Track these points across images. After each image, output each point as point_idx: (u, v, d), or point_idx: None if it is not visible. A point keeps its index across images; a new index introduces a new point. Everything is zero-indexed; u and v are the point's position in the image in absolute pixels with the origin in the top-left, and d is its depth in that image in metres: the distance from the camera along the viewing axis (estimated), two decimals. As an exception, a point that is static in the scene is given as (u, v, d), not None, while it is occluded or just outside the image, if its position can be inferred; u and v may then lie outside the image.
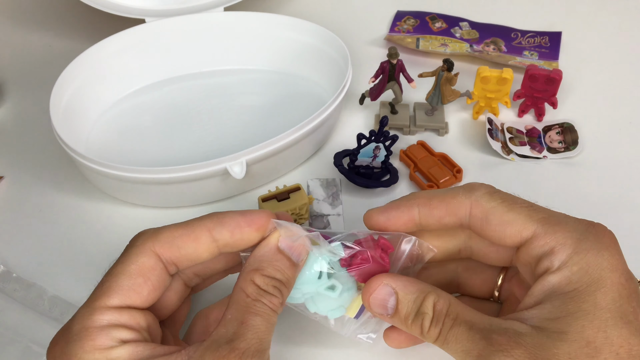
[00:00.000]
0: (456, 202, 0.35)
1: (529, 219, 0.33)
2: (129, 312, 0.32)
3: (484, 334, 0.31)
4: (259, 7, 0.69)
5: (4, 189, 0.53)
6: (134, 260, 0.33)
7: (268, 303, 0.32)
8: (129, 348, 0.31)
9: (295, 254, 0.34)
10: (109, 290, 0.32)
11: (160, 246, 0.34)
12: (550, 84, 0.55)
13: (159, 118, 0.59)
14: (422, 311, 0.33)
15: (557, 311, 0.31)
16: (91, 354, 0.30)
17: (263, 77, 0.63)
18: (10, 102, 0.61)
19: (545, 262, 0.32)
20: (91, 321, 0.31)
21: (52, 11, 0.73)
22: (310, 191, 0.51)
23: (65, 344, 0.31)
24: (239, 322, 0.31)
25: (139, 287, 0.33)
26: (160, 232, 0.34)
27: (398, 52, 0.54)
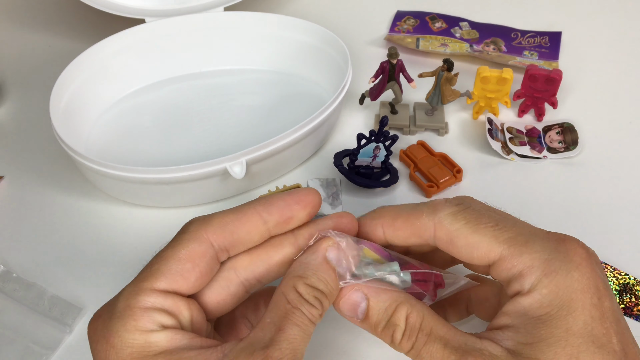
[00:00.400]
0: (420, 223, 0.34)
1: (495, 240, 0.32)
2: (173, 298, 0.32)
3: (459, 353, 0.30)
4: (259, 7, 0.69)
5: (4, 189, 0.53)
6: (184, 245, 0.33)
7: (307, 313, 0.31)
8: (169, 334, 0.31)
9: (342, 268, 0.33)
10: (157, 273, 0.32)
11: (213, 232, 0.33)
12: (550, 84, 0.55)
13: (159, 118, 0.59)
14: (394, 322, 0.32)
15: (530, 336, 0.30)
16: (132, 333, 0.30)
17: (263, 77, 0.63)
18: (10, 102, 0.61)
19: (516, 284, 0.32)
20: (136, 301, 0.31)
21: (52, 11, 0.73)
22: (310, 191, 0.51)
23: (108, 319, 0.31)
24: (277, 328, 0.30)
25: (187, 273, 0.32)
26: (211, 218, 0.34)
27: (398, 52, 0.54)
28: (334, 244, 0.33)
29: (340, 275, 0.33)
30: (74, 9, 0.72)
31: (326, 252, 0.33)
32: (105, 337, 0.31)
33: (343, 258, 0.33)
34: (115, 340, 0.30)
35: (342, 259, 0.33)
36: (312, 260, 0.33)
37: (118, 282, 0.46)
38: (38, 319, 0.43)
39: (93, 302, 0.45)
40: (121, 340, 0.30)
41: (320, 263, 0.33)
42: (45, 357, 0.41)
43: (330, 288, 0.32)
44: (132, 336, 0.30)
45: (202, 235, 0.33)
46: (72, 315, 0.43)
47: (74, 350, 0.42)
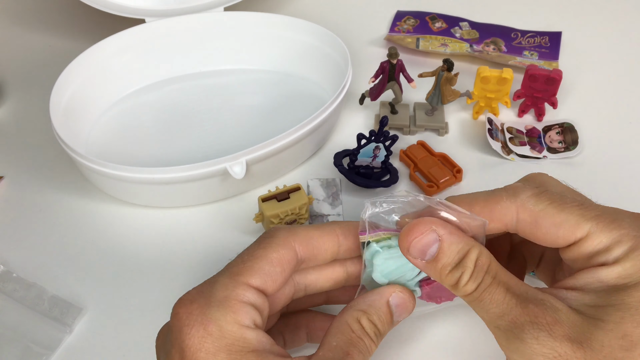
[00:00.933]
0: (500, 207, 0.33)
1: (582, 218, 0.32)
2: (262, 297, 0.33)
3: (520, 300, 0.31)
4: (259, 7, 0.69)
5: (4, 189, 0.53)
6: (275, 249, 0.34)
7: (367, 345, 0.33)
8: (259, 334, 0.32)
9: (398, 313, 0.35)
10: (252, 270, 0.33)
11: (299, 242, 0.35)
12: (550, 84, 0.55)
13: (159, 118, 0.59)
14: (464, 264, 0.32)
15: (599, 300, 0.30)
16: (231, 325, 0.31)
17: (263, 77, 0.63)
18: (10, 102, 0.61)
19: (599, 258, 0.32)
20: (235, 294, 0.32)
21: (52, 11, 0.73)
22: (310, 191, 0.51)
23: (206, 306, 0.31)
24: (345, 352, 0.32)
25: (277, 276, 0.34)
26: (297, 229, 0.36)
27: (398, 52, 0.54)
28: (399, 292, 0.35)
29: None
30: (74, 9, 0.72)
31: (390, 296, 0.34)
32: (202, 323, 0.31)
33: (402, 306, 0.35)
34: (214, 328, 0.31)
35: (400, 306, 0.35)
36: (376, 300, 0.34)
37: (118, 282, 0.46)
38: (38, 319, 0.43)
39: (93, 302, 0.45)
40: (220, 330, 0.31)
41: (383, 305, 0.34)
42: (45, 357, 0.41)
43: (385, 330, 0.34)
44: (231, 328, 0.31)
45: (291, 243, 0.35)
46: (72, 315, 0.43)
47: (74, 350, 0.42)
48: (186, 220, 0.50)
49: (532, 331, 0.29)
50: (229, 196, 0.51)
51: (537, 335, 0.29)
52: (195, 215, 0.50)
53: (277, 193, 0.47)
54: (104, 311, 0.44)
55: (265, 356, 0.31)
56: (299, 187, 0.49)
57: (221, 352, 0.30)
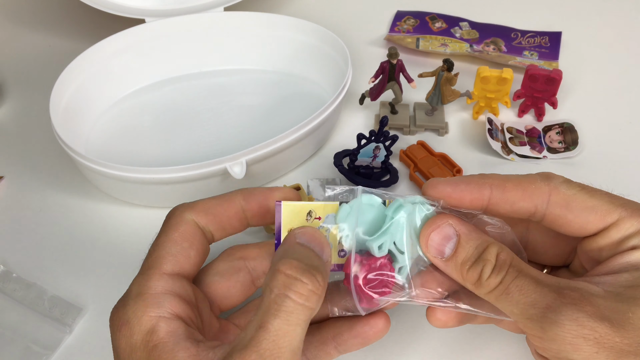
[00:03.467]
0: (534, 187, 0.34)
1: (612, 204, 0.33)
2: (180, 280, 0.33)
3: (554, 288, 0.30)
4: (259, 7, 0.69)
5: (4, 189, 0.53)
6: (175, 229, 0.34)
7: (296, 297, 0.29)
8: (172, 324, 0.31)
9: (317, 247, 0.32)
10: (160, 258, 0.33)
11: (197, 214, 0.35)
12: (550, 84, 0.55)
13: (159, 118, 0.59)
14: (485, 257, 0.32)
15: (635, 281, 0.30)
16: (141, 319, 0.31)
17: (263, 77, 0.63)
18: (10, 102, 0.61)
19: (630, 242, 0.32)
20: (147, 287, 0.32)
21: (52, 11, 0.73)
22: (310, 191, 0.51)
23: (122, 308, 0.32)
24: (259, 325, 0.29)
25: (186, 252, 0.34)
26: (194, 203, 0.36)
27: (398, 52, 0.54)
28: (300, 230, 0.33)
29: None
30: (74, 9, 0.72)
31: (295, 237, 0.32)
32: (118, 326, 0.31)
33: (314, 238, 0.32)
34: (126, 329, 0.31)
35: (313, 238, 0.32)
36: (286, 247, 0.32)
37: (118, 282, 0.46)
38: (38, 319, 0.43)
39: (93, 302, 0.45)
40: (130, 329, 0.31)
41: (294, 245, 0.32)
42: (45, 357, 0.41)
43: (316, 264, 0.31)
44: (140, 323, 0.31)
45: (188, 217, 0.35)
46: (72, 315, 0.43)
47: (74, 350, 0.42)
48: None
49: (571, 313, 0.29)
50: (229, 196, 0.51)
51: (576, 316, 0.29)
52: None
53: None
54: (104, 311, 0.44)
55: (172, 350, 0.30)
56: (299, 187, 0.49)
57: (136, 350, 0.31)
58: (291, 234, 0.33)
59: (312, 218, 0.34)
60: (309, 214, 0.34)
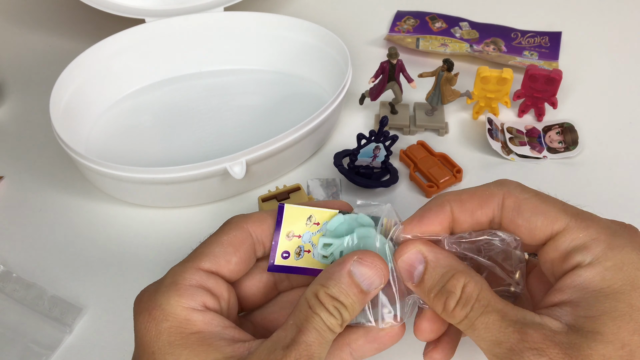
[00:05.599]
0: (488, 193, 0.34)
1: (562, 212, 0.33)
2: (215, 278, 0.33)
3: (518, 327, 0.30)
4: (259, 7, 0.69)
5: (4, 189, 0.53)
6: (226, 232, 0.35)
7: (325, 320, 0.31)
8: (207, 316, 0.32)
9: (366, 282, 0.33)
10: (201, 255, 0.34)
11: (252, 223, 0.35)
12: (550, 84, 0.55)
13: (159, 118, 0.59)
14: (448, 289, 0.32)
15: (591, 310, 0.30)
16: (174, 307, 0.31)
17: (263, 77, 0.63)
18: (10, 102, 0.61)
19: (576, 256, 0.31)
20: (182, 278, 0.33)
21: (52, 11, 0.73)
22: (310, 191, 0.51)
23: (154, 293, 0.32)
24: (298, 329, 0.31)
25: (229, 255, 0.34)
26: (251, 214, 0.36)
27: (398, 52, 0.54)
28: (358, 259, 0.33)
29: None
30: (74, 9, 0.72)
31: (350, 265, 0.33)
32: (148, 309, 0.32)
33: (367, 274, 0.33)
34: (157, 312, 0.31)
35: (365, 274, 0.33)
36: (336, 271, 0.33)
37: (118, 282, 0.46)
38: (38, 319, 0.43)
39: (93, 302, 0.45)
40: (163, 313, 0.31)
41: (343, 275, 0.33)
42: (45, 357, 0.41)
43: (351, 301, 0.32)
44: (174, 310, 0.31)
45: (243, 225, 0.35)
46: (72, 315, 0.43)
47: (74, 350, 0.42)
48: (186, 220, 0.50)
49: (533, 357, 0.29)
50: (229, 196, 0.51)
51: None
52: (195, 215, 0.50)
53: (277, 193, 0.47)
54: (104, 311, 0.44)
55: (210, 338, 0.31)
56: (299, 187, 0.49)
57: (163, 334, 0.31)
58: (350, 257, 0.33)
59: (311, 223, 0.35)
60: (309, 219, 0.35)
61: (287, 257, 0.35)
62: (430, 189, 0.51)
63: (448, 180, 0.51)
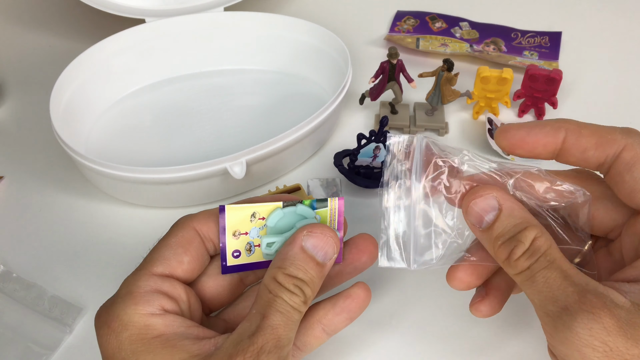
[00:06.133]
0: (611, 137, 0.32)
1: None
2: (170, 281, 0.33)
3: (579, 289, 0.29)
4: (259, 7, 0.69)
5: (4, 189, 0.53)
6: (173, 235, 0.35)
7: (288, 300, 0.32)
8: (167, 319, 0.32)
9: (320, 254, 0.33)
10: (152, 260, 0.34)
11: (197, 222, 0.35)
12: (550, 84, 0.55)
13: (159, 118, 0.59)
14: (519, 238, 0.31)
15: None
16: (131, 316, 0.31)
17: (263, 77, 0.63)
18: (10, 102, 0.61)
19: None
20: (136, 286, 0.33)
21: (52, 11, 0.73)
22: (310, 191, 0.51)
23: (110, 306, 0.32)
24: (261, 316, 0.31)
25: (179, 256, 0.34)
26: (198, 212, 0.36)
27: (398, 52, 0.54)
28: (308, 233, 0.33)
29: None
30: (74, 9, 0.72)
31: (302, 241, 0.33)
32: (106, 322, 0.32)
33: (320, 245, 0.33)
34: (115, 324, 0.31)
35: (318, 245, 0.33)
36: (289, 250, 0.33)
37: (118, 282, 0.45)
38: (38, 319, 0.43)
39: (93, 302, 0.44)
40: (121, 324, 0.31)
41: (297, 252, 0.33)
42: (45, 357, 0.41)
43: (310, 276, 0.33)
44: (132, 319, 0.31)
45: (189, 224, 0.35)
46: (72, 315, 0.43)
47: (74, 350, 0.42)
48: (186, 220, 0.50)
49: (586, 321, 0.28)
50: (229, 196, 0.51)
51: (590, 326, 0.28)
52: (195, 215, 0.50)
53: (277, 193, 0.47)
54: (104, 311, 0.44)
55: (173, 339, 0.31)
56: (299, 187, 0.49)
57: (124, 344, 0.31)
58: (299, 233, 0.33)
59: (256, 219, 0.35)
60: (252, 215, 0.35)
61: (239, 256, 0.36)
62: (430, 189, 0.51)
63: (448, 180, 0.51)
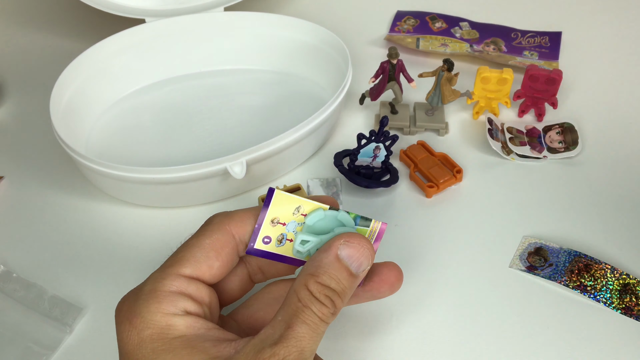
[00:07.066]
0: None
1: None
2: (196, 284, 0.33)
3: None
4: (259, 7, 0.69)
5: (4, 189, 0.53)
6: (208, 235, 0.34)
7: (317, 312, 0.31)
8: (189, 320, 0.32)
9: (355, 265, 0.32)
10: (182, 260, 0.33)
11: (235, 224, 0.35)
12: (551, 84, 0.55)
13: (159, 118, 0.59)
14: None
15: None
16: (154, 315, 0.31)
17: (263, 77, 0.63)
18: (10, 102, 0.61)
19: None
20: (162, 285, 0.32)
21: (52, 11, 0.73)
22: (310, 191, 0.51)
23: (133, 302, 0.32)
24: (287, 325, 0.30)
25: (211, 261, 0.34)
26: (234, 212, 0.35)
27: (398, 52, 0.54)
28: (345, 242, 0.32)
29: None
30: (74, 9, 0.72)
31: (338, 250, 0.32)
32: (129, 318, 0.31)
33: (356, 256, 0.33)
34: (138, 321, 0.31)
35: (354, 256, 0.33)
36: (323, 257, 0.32)
37: (118, 282, 0.46)
38: (38, 319, 0.43)
39: (93, 302, 0.45)
40: (143, 321, 0.31)
41: (331, 261, 0.32)
42: (45, 357, 0.41)
43: (343, 287, 0.32)
44: (154, 318, 0.31)
45: (225, 227, 0.34)
46: (72, 315, 0.43)
47: (74, 351, 0.42)
48: (186, 220, 0.50)
49: None
50: (229, 196, 0.51)
51: None
52: (195, 215, 0.50)
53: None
54: (104, 311, 0.44)
55: (194, 340, 0.31)
56: (299, 187, 0.49)
57: (145, 342, 0.31)
58: (336, 241, 0.33)
59: (299, 213, 0.35)
60: (297, 209, 0.35)
61: (268, 243, 0.35)
62: (431, 189, 0.51)
63: (448, 180, 0.51)
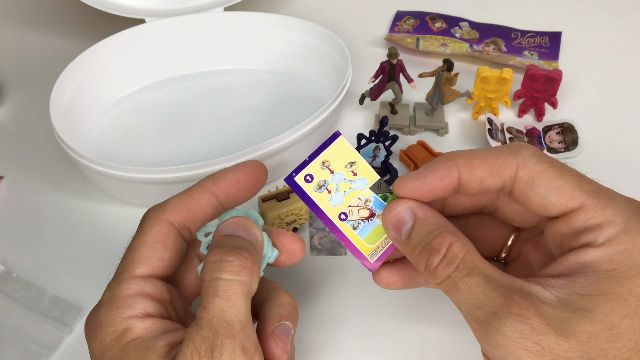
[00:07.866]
0: (501, 161, 0.32)
1: (579, 189, 0.30)
2: (153, 282, 0.33)
3: (503, 291, 0.29)
4: (259, 7, 0.69)
5: (4, 189, 0.53)
6: (148, 231, 0.34)
7: (226, 275, 0.30)
8: (147, 322, 0.31)
9: (242, 231, 0.33)
10: (133, 262, 0.33)
11: (170, 213, 0.35)
12: (550, 84, 0.55)
13: (159, 118, 0.59)
14: (432, 246, 0.31)
15: (590, 288, 0.29)
16: (113, 321, 0.31)
17: (263, 77, 0.63)
18: (10, 102, 0.61)
19: (588, 236, 0.30)
20: (119, 291, 0.32)
21: (52, 11, 0.73)
22: (310, 191, 0.51)
23: (95, 313, 0.32)
24: (202, 308, 0.30)
25: (160, 253, 0.34)
26: (165, 202, 0.35)
27: (398, 52, 0.54)
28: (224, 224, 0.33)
29: None
30: (74, 9, 0.72)
31: (220, 232, 0.33)
32: (92, 330, 0.32)
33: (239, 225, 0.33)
34: (99, 331, 0.31)
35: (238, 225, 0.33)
36: (212, 243, 0.33)
37: (118, 282, 0.46)
38: (38, 319, 0.43)
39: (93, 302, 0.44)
40: (104, 330, 0.31)
41: (218, 239, 0.33)
42: (45, 357, 0.41)
43: (242, 243, 0.32)
44: (113, 324, 0.31)
45: (161, 218, 0.34)
46: (72, 315, 0.43)
47: (74, 350, 0.42)
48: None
49: (515, 324, 0.28)
50: (229, 196, 0.51)
51: (520, 329, 0.28)
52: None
53: (277, 193, 0.47)
54: (104, 311, 0.44)
55: (149, 341, 0.30)
56: (299, 187, 0.49)
57: (106, 350, 0.31)
58: (217, 231, 0.34)
59: (350, 169, 0.34)
60: (351, 164, 0.34)
61: (309, 182, 0.34)
62: (430, 189, 0.51)
63: (448, 180, 0.51)
